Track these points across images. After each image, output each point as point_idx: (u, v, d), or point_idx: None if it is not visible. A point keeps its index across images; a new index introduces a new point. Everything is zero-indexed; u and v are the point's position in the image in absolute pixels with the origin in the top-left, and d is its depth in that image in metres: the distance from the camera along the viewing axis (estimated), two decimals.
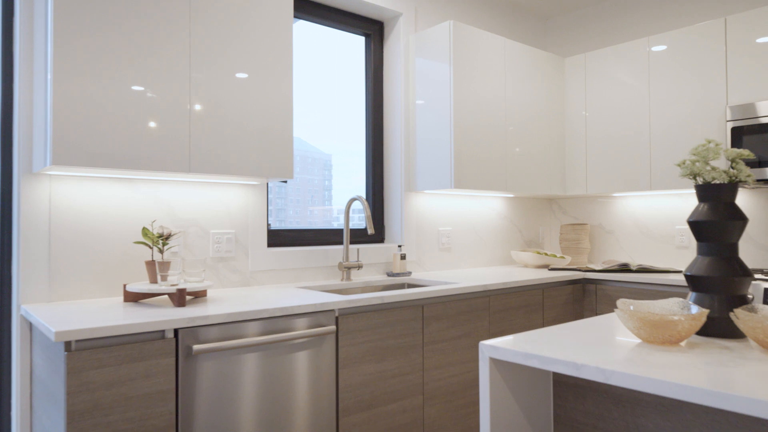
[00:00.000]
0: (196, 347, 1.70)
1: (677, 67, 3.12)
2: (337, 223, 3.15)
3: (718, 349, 1.26)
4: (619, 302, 1.39)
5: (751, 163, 2.78)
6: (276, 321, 1.92)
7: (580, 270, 3.25)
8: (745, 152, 1.38)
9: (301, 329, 1.98)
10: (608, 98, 3.43)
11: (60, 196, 2.05)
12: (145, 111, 1.93)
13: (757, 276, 2.70)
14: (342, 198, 3.17)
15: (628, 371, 1.08)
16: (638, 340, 1.35)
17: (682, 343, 1.32)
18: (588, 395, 1.40)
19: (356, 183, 3.23)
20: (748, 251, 3.15)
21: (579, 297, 3.15)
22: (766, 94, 2.79)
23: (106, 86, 1.85)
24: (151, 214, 2.26)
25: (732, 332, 1.35)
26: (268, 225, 2.75)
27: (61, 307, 1.89)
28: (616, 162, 3.38)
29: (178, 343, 1.71)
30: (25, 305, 1.94)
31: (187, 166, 2.02)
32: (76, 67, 1.79)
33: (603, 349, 1.26)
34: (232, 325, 1.82)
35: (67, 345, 1.52)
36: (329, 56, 3.11)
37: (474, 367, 2.58)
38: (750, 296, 2.72)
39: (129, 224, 2.21)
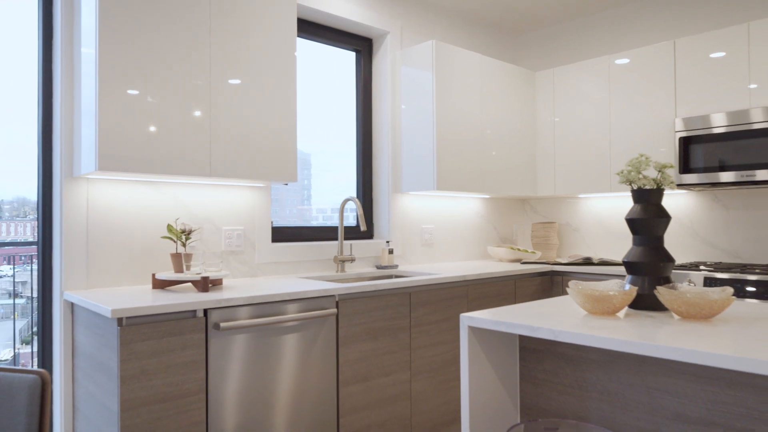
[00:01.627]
0: (223, 324, 2.02)
1: (634, 84, 3.52)
2: (316, 222, 3.46)
3: (644, 317, 1.63)
4: (571, 283, 1.75)
5: (709, 168, 3.17)
6: (287, 304, 2.25)
7: (548, 263, 3.63)
8: (669, 164, 1.75)
9: (308, 311, 2.31)
10: (574, 109, 3.82)
11: (95, 197, 2.35)
12: (173, 123, 2.24)
13: (701, 267, 3.10)
14: (320, 197, 3.47)
15: (572, 330, 1.44)
16: (584, 312, 1.71)
17: (619, 314, 1.68)
18: (546, 357, 1.76)
19: (335, 182, 3.51)
20: (694, 246, 3.56)
21: (547, 287, 3.53)
22: (716, 107, 3.19)
23: (142, 103, 2.16)
24: (172, 213, 2.56)
25: (657, 305, 1.72)
26: (271, 222, 3.06)
27: (100, 293, 2.19)
28: (581, 166, 3.77)
29: (208, 321, 2.03)
30: (67, 291, 2.24)
31: (208, 170, 2.34)
32: (117, 89, 2.10)
33: (556, 317, 1.62)
34: (251, 307, 2.14)
35: (119, 321, 1.83)
36: (322, 68, 3.43)
37: (454, 347, 2.93)
38: (692, 284, 3.13)
39: (153, 222, 2.51)
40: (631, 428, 1.56)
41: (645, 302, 1.73)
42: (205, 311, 2.03)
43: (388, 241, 3.40)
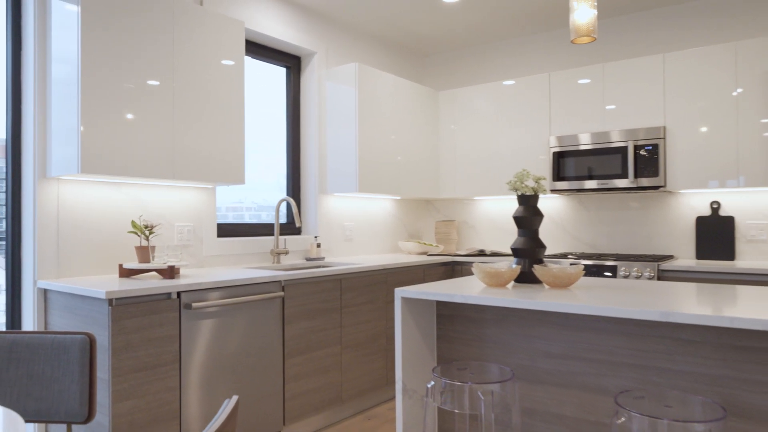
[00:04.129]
0: (194, 305, 2.41)
1: (518, 106, 4.26)
2: (224, 220, 3.83)
3: (525, 287, 2.25)
4: (474, 264, 2.35)
5: (576, 178, 3.94)
6: (244, 288, 2.67)
7: (450, 255, 4.28)
8: (542, 177, 2.41)
9: (261, 294, 2.74)
10: (471, 125, 4.51)
11: (65, 196, 2.62)
12: (143, 134, 2.57)
13: (568, 257, 3.88)
14: (223, 197, 3.87)
15: (477, 295, 2.02)
16: (484, 285, 2.31)
17: (508, 286, 2.30)
18: (456, 320, 2.34)
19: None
20: (564, 240, 4.38)
21: (449, 274, 4.18)
22: (583, 128, 3.99)
23: (119, 120, 2.48)
24: (132, 211, 2.87)
25: (534, 279, 2.36)
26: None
27: (75, 281, 2.48)
28: (477, 173, 4.47)
29: (181, 302, 2.40)
30: (41, 280, 2.50)
31: (172, 173, 2.69)
32: (96, 106, 2.41)
33: (464, 290, 2.20)
34: (215, 291, 2.54)
35: (110, 301, 2.16)
36: (255, 81, 3.83)
37: (375, 325, 3.47)
38: None
39: (115, 218, 2.80)
40: (516, 365, 2.18)
41: (526, 277, 2.37)
42: (178, 294, 2.40)
43: (316, 236, 3.87)
